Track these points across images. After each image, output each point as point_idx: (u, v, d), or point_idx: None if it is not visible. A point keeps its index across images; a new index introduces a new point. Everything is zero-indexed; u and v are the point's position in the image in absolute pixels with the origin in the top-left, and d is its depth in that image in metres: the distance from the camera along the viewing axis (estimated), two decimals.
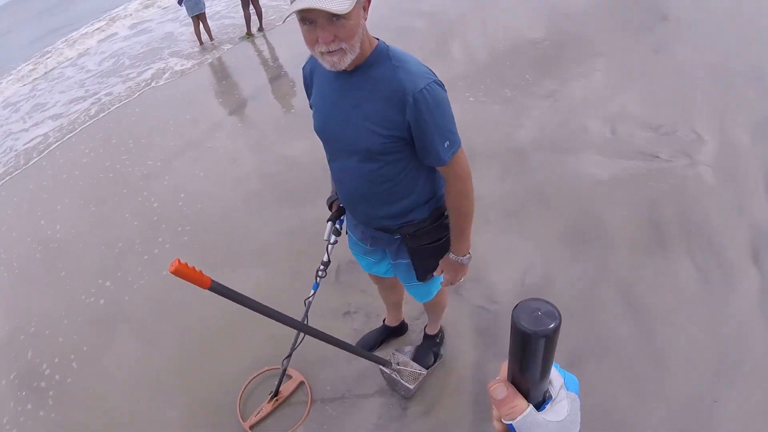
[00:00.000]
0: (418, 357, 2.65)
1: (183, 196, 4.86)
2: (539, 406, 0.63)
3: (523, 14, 7.25)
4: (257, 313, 1.67)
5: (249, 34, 9.07)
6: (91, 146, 6.13)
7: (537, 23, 6.85)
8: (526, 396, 0.63)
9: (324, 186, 4.26)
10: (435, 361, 2.71)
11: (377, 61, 1.61)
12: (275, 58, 8.04)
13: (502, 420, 0.63)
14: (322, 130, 1.81)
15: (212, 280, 1.56)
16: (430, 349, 2.72)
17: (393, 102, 1.58)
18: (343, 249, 2.39)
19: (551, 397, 0.64)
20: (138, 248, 4.35)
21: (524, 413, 0.61)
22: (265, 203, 4.50)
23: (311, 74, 1.84)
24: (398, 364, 2.56)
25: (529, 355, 0.59)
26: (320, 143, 1.87)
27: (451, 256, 1.95)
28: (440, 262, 2.03)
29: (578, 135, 4.42)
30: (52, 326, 3.86)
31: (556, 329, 0.56)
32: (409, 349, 2.74)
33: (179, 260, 1.44)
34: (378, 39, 1.66)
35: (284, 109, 6.24)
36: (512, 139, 4.50)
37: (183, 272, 1.46)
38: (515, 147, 4.38)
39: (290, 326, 1.87)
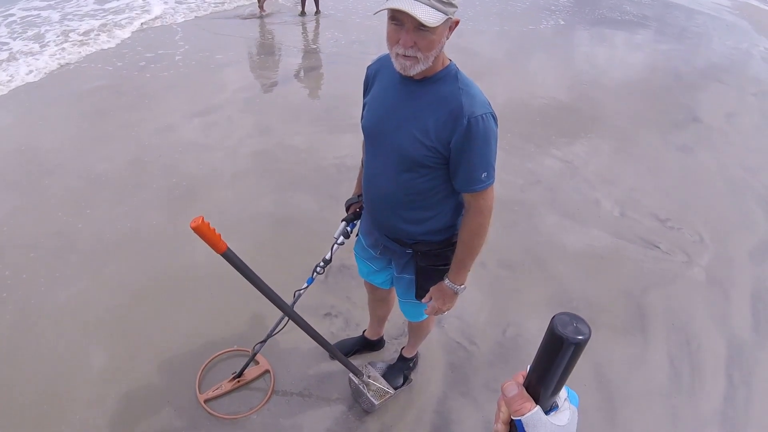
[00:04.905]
0: (389, 375, 2.67)
1: (186, 153, 4.82)
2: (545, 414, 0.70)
3: (564, 78, 7.40)
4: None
5: (303, 13, 9.14)
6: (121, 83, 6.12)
7: (575, 90, 7.01)
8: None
9: (323, 186, 4.37)
10: (404, 384, 2.73)
11: (445, 80, 1.70)
12: (317, 49, 8.08)
13: (511, 416, 0.71)
14: (371, 128, 1.87)
15: (228, 247, 1.60)
16: (401, 371, 2.74)
17: (447, 120, 1.65)
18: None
19: (557, 406, 0.71)
20: (130, 188, 4.27)
21: (533, 411, 0.68)
22: (264, 184, 4.48)
23: (374, 75, 1.91)
24: (369, 377, 2.58)
25: (555, 362, 0.65)
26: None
27: (447, 282, 1.97)
28: (432, 288, 2.05)
29: (588, 207, 4.52)
30: (26, 236, 3.71)
31: (586, 341, 0.63)
32: (382, 365, 2.76)
33: (203, 218, 1.48)
34: (450, 60, 1.74)
35: (309, 101, 6.28)
36: (525, 193, 4.59)
37: (203, 231, 1.50)
38: (526, 202, 4.46)
39: (281, 309, 1.90)
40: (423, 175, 1.79)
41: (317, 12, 9.19)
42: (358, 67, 7.18)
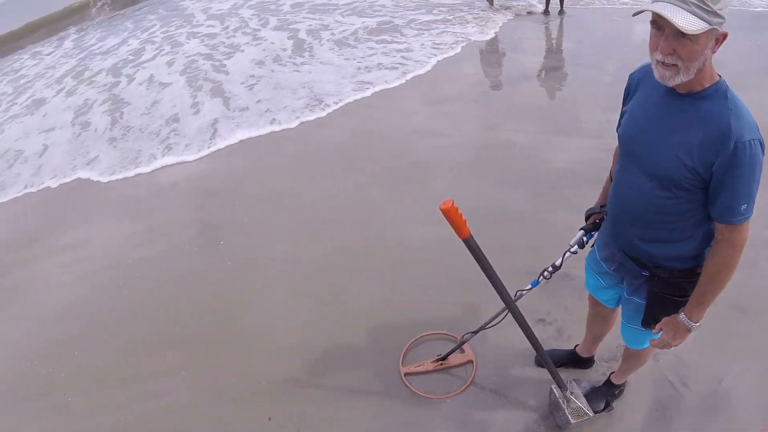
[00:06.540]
0: (592, 397, 2.60)
1: (417, 137, 5.02)
2: None
3: None
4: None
5: (546, 12, 8.94)
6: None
7: None
8: None
9: (544, 187, 4.27)
10: (604, 409, 2.64)
11: (713, 97, 1.59)
12: (556, 49, 7.86)
13: None
14: (628, 139, 1.82)
15: (471, 235, 1.69)
16: (605, 396, 2.65)
17: (712, 141, 1.55)
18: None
19: None
20: (360, 161, 4.59)
21: None
22: (486, 177, 4.55)
23: (638, 83, 1.85)
24: (571, 393, 2.52)
25: None
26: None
27: (682, 316, 1.85)
28: (664, 320, 1.93)
29: None
30: (258, 188, 4.17)
31: None
32: (586, 385, 2.69)
33: (453, 202, 1.60)
34: (720, 76, 1.62)
35: (540, 101, 6.14)
36: None
37: (451, 214, 1.66)
38: None
39: (506, 303, 2.00)
40: (678, 196, 1.69)
41: (561, 11, 8.91)
42: (597, 71, 6.98)
